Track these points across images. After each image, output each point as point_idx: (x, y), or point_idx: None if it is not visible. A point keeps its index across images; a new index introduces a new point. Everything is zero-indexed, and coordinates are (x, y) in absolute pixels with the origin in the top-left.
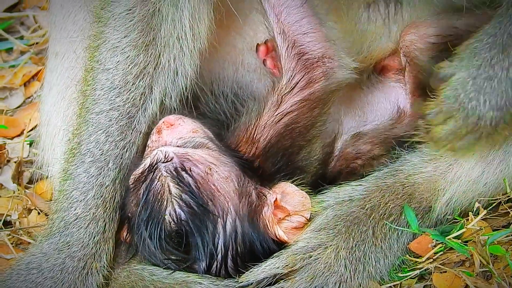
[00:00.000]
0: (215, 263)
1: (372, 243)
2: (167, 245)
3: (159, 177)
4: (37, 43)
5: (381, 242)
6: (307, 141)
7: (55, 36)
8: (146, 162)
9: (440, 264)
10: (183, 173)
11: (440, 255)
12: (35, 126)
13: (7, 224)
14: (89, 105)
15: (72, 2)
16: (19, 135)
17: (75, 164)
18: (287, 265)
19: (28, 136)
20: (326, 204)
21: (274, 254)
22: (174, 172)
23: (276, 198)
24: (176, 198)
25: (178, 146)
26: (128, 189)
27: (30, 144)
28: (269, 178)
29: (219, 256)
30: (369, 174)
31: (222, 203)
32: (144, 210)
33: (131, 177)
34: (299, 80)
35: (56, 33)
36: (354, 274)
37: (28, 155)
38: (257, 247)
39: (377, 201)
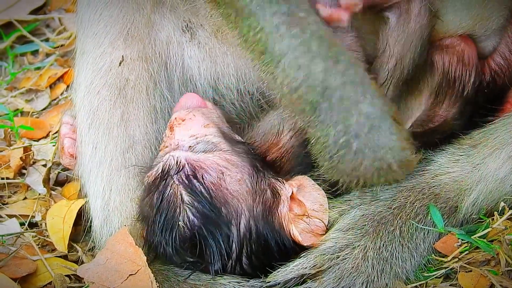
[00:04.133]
0: (230, 262)
1: (399, 243)
2: (182, 249)
3: (172, 184)
4: (62, 45)
5: (407, 242)
6: None
7: (82, 34)
8: (159, 167)
9: (465, 263)
10: (195, 181)
11: (466, 254)
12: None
13: (33, 225)
14: None
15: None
16: (45, 137)
17: None
18: (315, 265)
19: (54, 138)
20: (353, 203)
21: (302, 254)
22: (186, 180)
23: (292, 192)
24: (188, 206)
25: (190, 147)
26: (144, 187)
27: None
28: (285, 172)
29: (233, 255)
30: None
31: (235, 206)
32: (159, 216)
33: (146, 177)
34: None
35: (83, 30)
36: (381, 275)
37: (54, 157)
38: (272, 245)
39: (404, 200)
